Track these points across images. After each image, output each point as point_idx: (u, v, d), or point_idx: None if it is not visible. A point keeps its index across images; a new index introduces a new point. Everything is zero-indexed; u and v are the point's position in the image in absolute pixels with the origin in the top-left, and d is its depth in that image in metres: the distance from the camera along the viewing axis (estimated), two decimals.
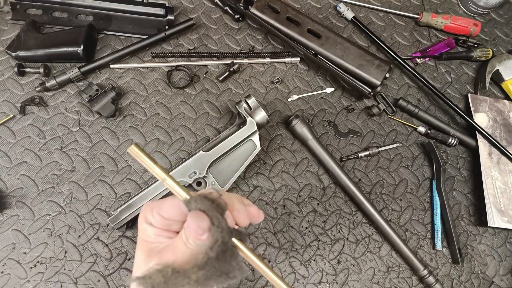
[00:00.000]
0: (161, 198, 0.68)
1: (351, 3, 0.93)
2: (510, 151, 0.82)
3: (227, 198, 0.36)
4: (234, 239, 0.34)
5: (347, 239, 0.75)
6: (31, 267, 0.67)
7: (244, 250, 0.34)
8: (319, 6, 0.93)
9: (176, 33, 0.82)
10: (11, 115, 0.75)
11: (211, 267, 0.33)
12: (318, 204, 0.77)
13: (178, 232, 0.36)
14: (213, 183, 0.70)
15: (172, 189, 0.34)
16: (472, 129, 0.85)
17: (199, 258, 0.33)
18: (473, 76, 0.93)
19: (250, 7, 0.80)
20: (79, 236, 0.70)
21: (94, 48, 0.82)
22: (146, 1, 0.82)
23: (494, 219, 0.77)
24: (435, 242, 0.77)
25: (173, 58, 0.83)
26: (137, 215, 0.67)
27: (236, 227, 0.37)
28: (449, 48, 0.92)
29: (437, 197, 0.79)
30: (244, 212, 0.37)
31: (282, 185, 0.77)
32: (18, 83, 0.78)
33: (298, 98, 0.84)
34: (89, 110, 0.78)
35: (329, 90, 0.85)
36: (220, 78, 0.82)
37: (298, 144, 0.80)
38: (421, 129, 0.83)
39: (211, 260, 0.32)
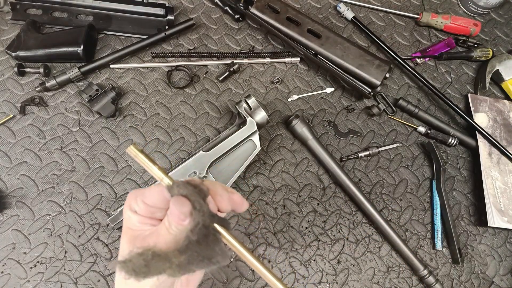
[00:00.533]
0: None
1: (351, 3, 0.93)
2: (510, 151, 0.82)
3: (210, 184, 0.36)
4: (216, 225, 0.34)
5: (347, 239, 0.75)
6: (31, 267, 0.67)
7: (226, 236, 0.34)
8: (319, 6, 0.93)
9: (176, 33, 0.82)
10: (11, 115, 0.75)
11: (193, 251, 0.33)
12: (318, 204, 0.77)
13: (162, 220, 0.36)
14: None
15: (158, 178, 0.35)
16: (472, 129, 0.85)
17: (180, 243, 0.33)
18: (473, 76, 0.93)
19: (250, 7, 0.80)
20: (79, 236, 0.70)
21: (94, 48, 0.82)
22: (146, 1, 0.82)
23: (494, 219, 0.77)
24: (435, 242, 0.77)
25: (173, 58, 0.83)
26: None
27: (219, 213, 0.37)
28: (449, 48, 0.92)
29: (437, 197, 0.79)
30: (226, 198, 0.37)
31: (282, 185, 0.77)
32: (18, 83, 0.78)
33: (298, 98, 0.84)
34: (89, 110, 0.78)
35: (329, 90, 0.85)
36: (220, 78, 0.82)
37: (298, 144, 0.80)
38: (421, 129, 0.83)
39: (192, 244, 0.32)
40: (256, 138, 0.72)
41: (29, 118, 0.76)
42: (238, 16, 0.87)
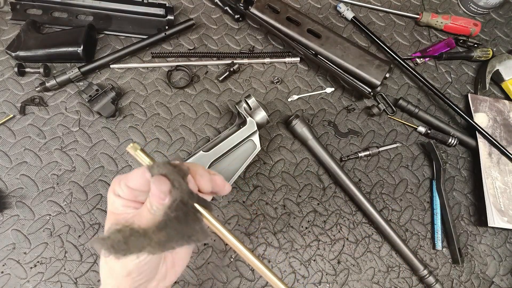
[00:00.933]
0: None
1: (351, 3, 0.93)
2: (510, 151, 0.82)
3: (191, 165, 0.37)
4: (196, 205, 0.34)
5: (347, 239, 0.75)
6: (31, 267, 0.67)
7: (205, 215, 0.35)
8: (319, 6, 0.93)
9: (176, 33, 0.82)
10: (11, 115, 0.75)
11: (172, 228, 0.33)
12: (318, 204, 0.77)
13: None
14: None
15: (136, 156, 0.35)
16: (472, 129, 0.85)
17: (158, 220, 0.33)
18: (473, 76, 0.93)
19: (250, 7, 0.80)
20: (79, 236, 0.70)
21: (94, 48, 0.82)
22: (146, 1, 0.82)
23: (494, 219, 0.77)
24: (435, 242, 0.77)
25: (173, 58, 0.83)
26: None
27: (203, 196, 0.37)
28: (449, 48, 0.92)
29: (437, 197, 0.79)
30: (207, 178, 0.37)
31: (282, 185, 0.77)
32: (18, 83, 0.78)
33: (298, 98, 0.84)
34: (89, 110, 0.78)
35: (329, 90, 0.85)
36: (220, 78, 0.82)
37: (298, 144, 0.80)
38: (421, 129, 0.83)
39: (171, 221, 0.33)
40: (256, 138, 0.72)
41: (29, 118, 0.76)
42: (238, 16, 0.87)
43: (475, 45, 0.93)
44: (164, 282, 0.42)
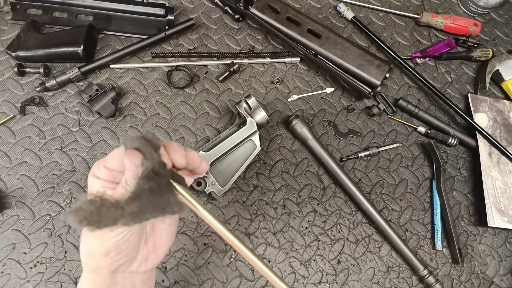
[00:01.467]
0: None
1: (351, 3, 0.93)
2: (510, 151, 0.82)
3: (166, 142, 0.37)
4: (171, 180, 0.34)
5: (347, 239, 0.75)
6: (31, 267, 0.67)
7: (180, 190, 0.35)
8: (319, 6, 0.93)
9: (176, 33, 0.82)
10: (11, 115, 0.75)
11: (145, 199, 0.33)
12: (318, 204, 0.77)
13: None
14: (213, 183, 0.70)
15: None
16: (472, 129, 0.85)
17: (130, 191, 0.33)
18: (473, 76, 0.93)
19: (250, 7, 0.80)
20: (79, 236, 0.70)
21: (94, 48, 0.82)
22: (146, 1, 0.82)
23: (494, 219, 0.77)
24: (435, 242, 0.77)
25: (173, 58, 0.83)
26: None
27: (180, 173, 0.37)
28: (449, 48, 0.92)
29: (437, 197, 0.79)
30: (181, 152, 0.37)
31: (282, 185, 0.77)
32: (18, 83, 0.78)
33: (298, 98, 0.84)
34: (89, 110, 0.78)
35: (329, 90, 0.85)
36: (220, 78, 0.82)
37: (298, 144, 0.80)
38: (421, 129, 0.83)
39: (144, 192, 0.33)
40: (256, 138, 0.72)
41: (29, 118, 0.76)
42: (238, 16, 0.87)
43: (475, 45, 0.93)
44: (146, 264, 0.42)
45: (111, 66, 0.80)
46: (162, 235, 0.43)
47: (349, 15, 0.90)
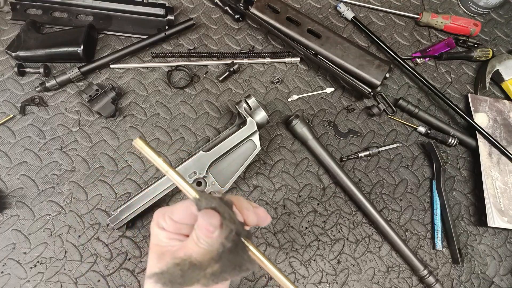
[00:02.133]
0: (161, 197, 0.68)
1: (351, 3, 0.93)
2: (510, 151, 0.82)
3: (233, 198, 0.37)
4: (245, 240, 0.35)
5: (347, 239, 0.75)
6: (31, 267, 0.67)
7: (251, 248, 0.35)
8: (319, 6, 0.93)
9: (176, 33, 0.82)
10: (11, 115, 0.75)
11: (226, 259, 0.33)
12: (318, 204, 0.77)
13: (188, 236, 0.37)
14: (213, 183, 0.70)
15: (177, 183, 0.35)
16: (472, 129, 0.85)
17: (214, 252, 0.33)
18: (473, 76, 0.93)
19: (250, 7, 0.80)
20: (79, 236, 0.70)
21: (94, 48, 0.82)
22: (146, 1, 0.82)
23: (494, 219, 0.77)
24: (435, 242, 0.77)
25: (173, 58, 0.83)
26: (137, 215, 0.67)
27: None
28: (449, 48, 0.92)
29: (437, 197, 0.79)
30: (252, 211, 0.38)
31: (282, 185, 0.77)
32: (18, 83, 0.78)
33: (298, 98, 0.84)
34: (89, 110, 0.78)
35: (329, 90, 0.85)
36: (220, 78, 0.82)
37: (298, 144, 0.80)
38: (421, 129, 0.83)
39: (225, 252, 0.33)
40: (256, 138, 0.72)
41: (29, 118, 0.76)
42: (238, 16, 0.87)
43: (475, 45, 0.93)
44: None
45: (111, 66, 0.80)
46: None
47: (349, 15, 0.90)
